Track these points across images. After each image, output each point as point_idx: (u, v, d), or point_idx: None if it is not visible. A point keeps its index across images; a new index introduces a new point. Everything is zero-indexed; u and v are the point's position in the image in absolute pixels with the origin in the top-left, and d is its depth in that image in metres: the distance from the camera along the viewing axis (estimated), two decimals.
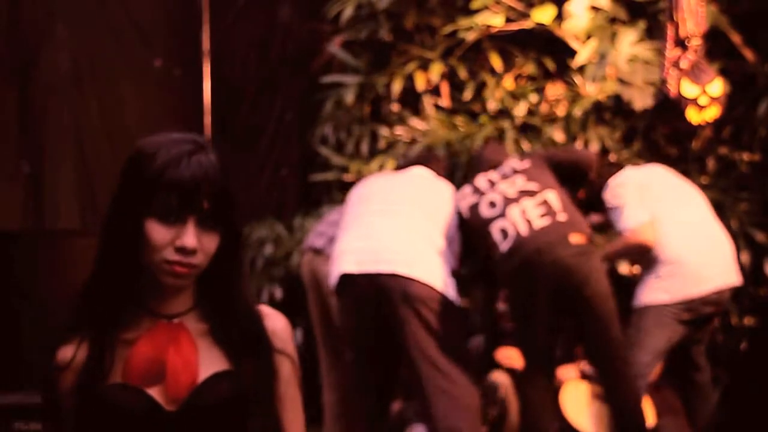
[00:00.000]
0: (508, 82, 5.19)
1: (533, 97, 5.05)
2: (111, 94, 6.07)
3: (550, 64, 5.12)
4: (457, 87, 5.37)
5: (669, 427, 4.15)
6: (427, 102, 5.30)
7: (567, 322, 4.05)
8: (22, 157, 5.74)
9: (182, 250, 1.41)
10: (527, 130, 5.01)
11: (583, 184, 4.20)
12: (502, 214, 3.90)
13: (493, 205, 3.96)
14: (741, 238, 4.67)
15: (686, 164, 4.93)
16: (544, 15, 4.83)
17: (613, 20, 4.86)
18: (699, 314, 3.98)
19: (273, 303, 5.65)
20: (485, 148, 4.39)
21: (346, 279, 3.86)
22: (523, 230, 3.83)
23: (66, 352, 1.48)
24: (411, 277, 3.78)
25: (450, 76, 5.36)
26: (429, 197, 4.05)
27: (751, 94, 4.85)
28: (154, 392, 1.44)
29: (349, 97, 5.41)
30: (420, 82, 5.27)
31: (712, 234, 4.08)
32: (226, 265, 1.49)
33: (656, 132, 4.96)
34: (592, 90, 4.84)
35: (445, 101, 5.38)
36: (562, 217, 3.84)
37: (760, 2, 4.87)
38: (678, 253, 3.95)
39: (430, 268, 3.83)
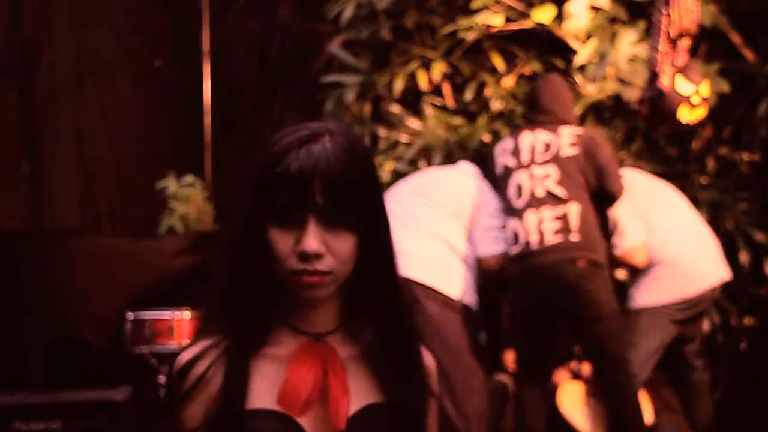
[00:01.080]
0: (508, 82, 5.19)
1: None
2: (111, 94, 6.08)
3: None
4: (457, 87, 5.37)
5: (667, 425, 4.16)
6: (427, 102, 5.30)
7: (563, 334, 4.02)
8: (23, 157, 5.74)
9: (304, 256, 1.22)
10: None
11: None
12: (520, 216, 3.86)
13: (519, 193, 3.88)
14: (741, 238, 4.68)
15: (686, 164, 4.93)
16: (544, 15, 4.83)
17: (613, 20, 4.86)
18: (694, 312, 4.00)
19: None
20: (545, 84, 4.11)
21: None
22: (534, 241, 3.80)
23: (199, 366, 1.28)
24: (424, 283, 3.77)
25: (450, 75, 5.36)
26: (457, 197, 3.99)
27: (751, 94, 4.85)
28: (303, 422, 1.26)
29: (350, 96, 5.41)
30: (422, 82, 5.27)
31: (699, 232, 4.11)
32: (374, 274, 1.29)
33: (656, 132, 4.96)
34: (592, 90, 4.84)
35: (447, 101, 5.38)
36: (575, 237, 3.79)
37: (760, 2, 4.87)
38: (670, 254, 3.97)
39: (445, 273, 3.82)
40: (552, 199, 3.84)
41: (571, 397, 4.15)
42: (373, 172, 1.31)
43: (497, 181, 4.02)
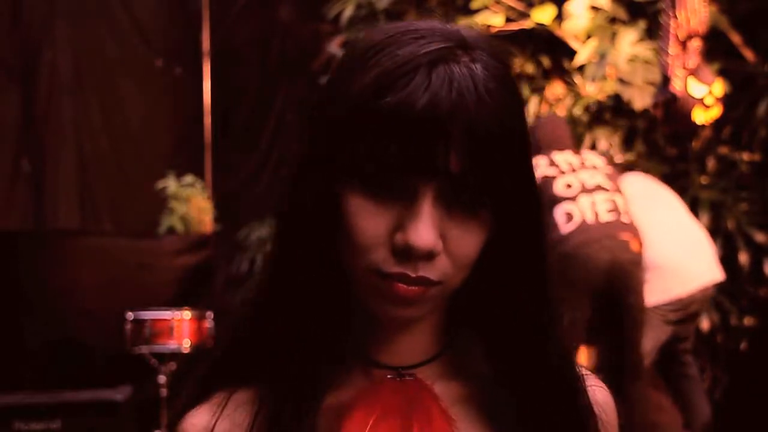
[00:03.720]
0: None
1: (533, 100, 5.05)
2: (112, 94, 6.09)
3: (549, 64, 5.12)
4: None
5: (659, 422, 4.17)
6: None
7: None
8: (23, 157, 5.75)
9: (405, 253, 0.73)
10: None
11: None
12: (573, 199, 3.89)
13: (569, 186, 3.93)
14: (741, 238, 4.68)
15: (686, 164, 4.94)
16: (544, 15, 4.83)
17: (613, 20, 4.86)
18: (686, 313, 4.02)
19: None
20: (546, 124, 4.20)
21: None
22: (590, 218, 3.82)
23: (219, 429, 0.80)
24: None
25: None
26: None
27: (751, 94, 4.85)
28: None
29: None
30: None
31: (693, 233, 4.13)
32: (510, 282, 0.79)
33: (656, 132, 4.96)
34: (592, 90, 4.84)
35: None
36: (626, 218, 3.85)
37: (760, 2, 4.87)
38: (662, 255, 3.98)
39: None
40: (602, 188, 3.92)
41: None
42: (525, 118, 0.78)
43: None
